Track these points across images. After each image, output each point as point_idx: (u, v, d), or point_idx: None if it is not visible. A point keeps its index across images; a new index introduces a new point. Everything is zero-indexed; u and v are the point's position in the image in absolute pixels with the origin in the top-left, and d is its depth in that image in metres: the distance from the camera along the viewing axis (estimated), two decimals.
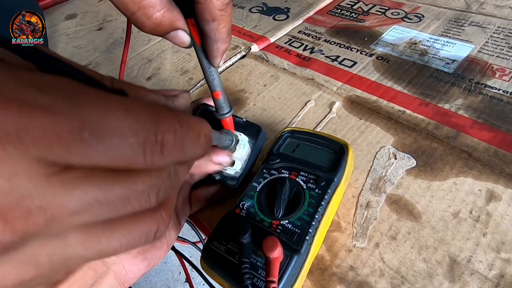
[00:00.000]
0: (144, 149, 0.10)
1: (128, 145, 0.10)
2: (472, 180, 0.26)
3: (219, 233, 0.23)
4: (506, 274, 0.21)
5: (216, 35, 0.19)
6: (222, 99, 0.23)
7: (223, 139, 0.23)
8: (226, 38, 0.19)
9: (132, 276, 0.22)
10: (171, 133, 0.11)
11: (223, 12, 0.18)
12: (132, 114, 0.10)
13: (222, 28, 0.18)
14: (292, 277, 0.20)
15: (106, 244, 0.11)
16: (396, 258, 0.23)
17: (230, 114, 0.24)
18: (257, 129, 0.27)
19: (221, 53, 0.20)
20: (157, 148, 0.11)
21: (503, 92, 0.33)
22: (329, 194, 0.23)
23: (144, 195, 0.11)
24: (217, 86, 0.22)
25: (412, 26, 0.45)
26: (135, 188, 0.11)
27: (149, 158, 0.11)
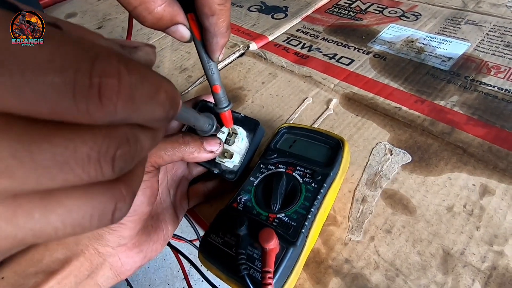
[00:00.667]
0: (74, 91, 0.08)
1: (49, 84, 0.08)
2: (466, 175, 0.27)
3: (216, 226, 0.23)
4: (498, 266, 0.22)
5: (215, 29, 0.19)
6: (221, 93, 0.23)
7: (201, 120, 0.22)
8: (225, 32, 0.20)
9: (128, 268, 0.22)
10: (113, 76, 0.09)
11: (222, 6, 0.18)
12: (56, 45, 0.08)
13: (222, 23, 0.19)
14: (288, 269, 0.21)
15: (42, 221, 0.09)
16: (391, 251, 0.24)
17: (229, 108, 0.24)
18: (255, 123, 0.27)
19: (220, 47, 0.20)
20: (94, 92, 0.08)
21: (498, 89, 0.33)
22: (325, 188, 0.24)
23: (92, 161, 0.09)
24: (216, 80, 0.22)
25: (409, 25, 0.45)
26: (73, 148, 0.09)
27: (82, 105, 0.08)
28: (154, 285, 0.90)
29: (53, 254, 0.19)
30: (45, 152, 0.08)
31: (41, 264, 0.19)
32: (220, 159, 0.26)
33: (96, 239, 0.21)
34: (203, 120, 0.23)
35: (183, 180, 0.28)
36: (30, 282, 0.18)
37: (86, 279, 0.20)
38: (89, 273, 0.21)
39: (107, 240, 0.21)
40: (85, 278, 0.20)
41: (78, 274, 0.20)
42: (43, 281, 0.19)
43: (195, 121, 0.21)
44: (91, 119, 0.09)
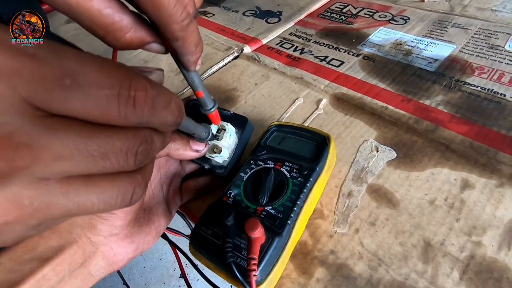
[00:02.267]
0: (119, 100, 0.11)
1: (104, 95, 0.11)
2: (448, 170, 0.28)
3: (206, 218, 0.24)
4: (476, 256, 0.23)
5: (183, 51, 0.19)
6: (204, 97, 0.24)
7: (199, 129, 0.24)
8: (194, 51, 0.20)
9: (120, 258, 0.23)
10: (142, 90, 0.12)
11: (184, 33, 0.18)
12: (107, 69, 0.11)
13: (188, 44, 0.19)
14: (274, 258, 0.22)
15: (85, 197, 0.12)
16: (374, 242, 0.25)
17: (214, 109, 0.25)
18: (244, 120, 0.28)
19: (193, 63, 0.21)
20: (130, 101, 0.12)
21: (481, 89, 0.35)
22: (311, 182, 0.25)
23: (122, 154, 0.12)
24: (198, 86, 0.23)
25: (398, 28, 0.46)
26: (112, 143, 0.12)
27: (123, 110, 0.12)
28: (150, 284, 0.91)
29: (48, 242, 0.20)
30: (94, 144, 0.11)
31: (36, 251, 0.20)
32: (210, 154, 0.27)
33: (89, 228, 0.22)
34: (201, 128, 0.24)
35: (176, 176, 0.29)
36: (25, 268, 0.19)
37: (79, 267, 0.21)
38: (82, 261, 0.21)
39: (99, 230, 0.22)
40: (79, 266, 0.21)
41: (71, 262, 0.21)
42: (37, 267, 0.19)
43: (194, 129, 0.23)
44: (126, 121, 0.12)
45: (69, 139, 0.11)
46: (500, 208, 0.25)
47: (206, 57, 0.48)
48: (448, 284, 0.22)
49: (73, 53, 0.11)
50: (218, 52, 0.48)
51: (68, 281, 0.21)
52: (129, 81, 0.12)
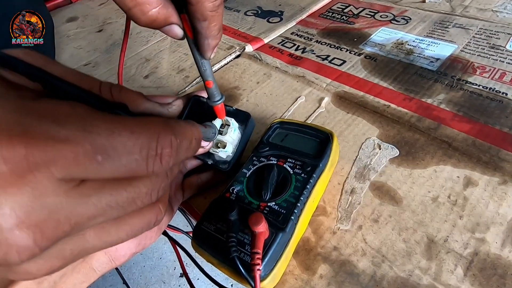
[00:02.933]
0: (147, 162, 0.13)
1: (134, 160, 0.12)
2: (451, 168, 0.28)
3: (209, 214, 0.24)
4: (479, 252, 0.23)
5: (207, 33, 0.20)
6: (213, 88, 0.24)
7: (207, 132, 0.25)
8: (216, 35, 0.20)
9: (123, 253, 0.23)
10: (168, 147, 0.14)
11: (214, 13, 0.19)
12: (136, 135, 0.13)
13: (213, 27, 0.19)
14: (277, 253, 0.21)
15: (116, 236, 0.14)
16: (378, 239, 0.24)
17: (221, 101, 0.25)
18: (246, 116, 0.28)
19: (212, 48, 0.21)
20: (158, 159, 0.13)
21: (482, 88, 0.35)
22: (314, 179, 0.25)
23: (147, 196, 0.14)
24: (208, 75, 0.24)
25: (399, 28, 0.47)
26: (139, 191, 0.14)
27: (150, 168, 0.13)
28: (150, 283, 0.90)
29: None
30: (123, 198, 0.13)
31: None
32: (214, 150, 0.27)
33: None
34: (209, 131, 0.25)
35: (178, 173, 0.29)
36: None
37: (81, 262, 0.21)
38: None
39: None
40: (81, 261, 0.21)
41: None
42: None
43: (204, 133, 0.24)
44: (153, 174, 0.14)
45: (102, 200, 0.12)
46: (503, 205, 0.25)
47: None
48: (452, 280, 0.22)
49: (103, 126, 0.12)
50: (219, 50, 0.48)
51: (71, 276, 0.21)
52: (155, 141, 0.13)
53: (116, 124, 0.12)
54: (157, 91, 0.44)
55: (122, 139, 0.12)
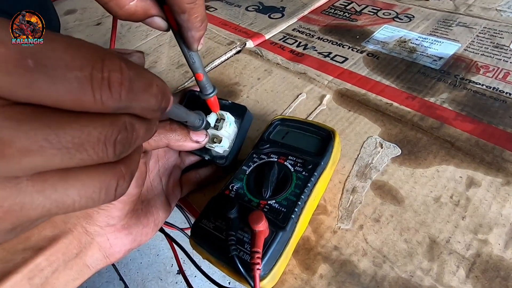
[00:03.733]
0: (92, 83, 0.10)
1: (74, 78, 0.10)
2: (453, 168, 0.28)
3: (208, 212, 0.24)
4: (482, 254, 0.22)
5: (188, 25, 0.19)
6: (204, 80, 0.23)
7: (192, 116, 0.23)
8: (199, 27, 0.19)
9: (117, 250, 0.23)
10: (117, 70, 0.11)
11: (192, 4, 0.18)
12: (76, 48, 0.10)
13: (194, 19, 0.18)
14: (277, 252, 0.21)
15: (64, 194, 0.11)
16: (379, 239, 0.24)
17: (214, 94, 0.24)
18: (242, 109, 0.27)
19: (197, 39, 0.20)
20: (105, 84, 0.10)
21: (486, 87, 0.34)
22: (315, 177, 0.24)
23: (100, 144, 0.11)
24: (198, 68, 0.23)
25: (402, 26, 0.46)
26: (88, 132, 0.11)
27: (98, 94, 0.10)
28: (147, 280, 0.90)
29: (42, 232, 0.20)
30: (67, 135, 0.10)
31: (29, 241, 0.19)
32: (210, 145, 0.26)
33: (85, 218, 0.21)
34: (194, 116, 0.23)
35: (176, 168, 0.29)
36: (18, 258, 0.19)
37: (74, 258, 0.21)
38: (78, 252, 0.21)
39: (96, 220, 0.21)
40: (74, 257, 0.21)
41: (66, 252, 0.20)
42: (31, 257, 0.19)
43: (186, 117, 0.22)
44: (102, 106, 0.11)
45: (37, 130, 0.09)
46: (506, 206, 0.25)
47: (208, 51, 0.47)
48: (454, 282, 0.21)
49: None
50: (220, 46, 0.48)
51: (63, 272, 0.20)
52: (101, 61, 0.10)
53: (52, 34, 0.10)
54: None
55: (59, 48, 0.10)
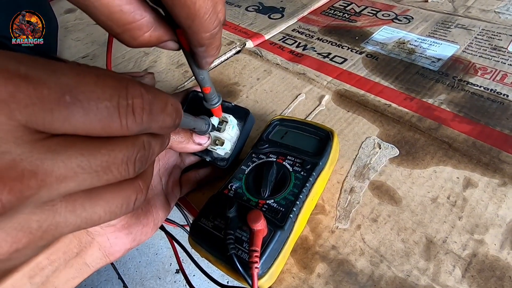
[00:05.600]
0: (119, 111, 0.11)
1: (104, 107, 0.11)
2: (451, 169, 0.28)
3: (207, 211, 0.24)
4: (478, 254, 0.23)
5: (204, 55, 0.19)
6: (211, 92, 0.24)
7: (199, 123, 0.23)
8: (214, 54, 0.19)
9: (117, 249, 0.23)
10: (139, 97, 0.12)
11: (212, 40, 0.17)
12: (103, 80, 0.11)
13: (211, 49, 0.18)
14: (275, 251, 0.21)
15: (92, 211, 0.12)
16: (376, 238, 0.24)
17: (219, 104, 0.25)
18: (245, 112, 0.28)
19: (210, 63, 0.20)
20: (130, 110, 0.12)
21: (484, 89, 0.34)
22: (313, 177, 0.25)
23: (123, 164, 0.12)
24: (206, 82, 0.23)
25: (401, 27, 0.46)
26: (114, 156, 0.12)
27: (124, 120, 0.11)
28: (145, 279, 0.90)
29: None
30: (97, 160, 0.11)
31: None
32: (212, 147, 0.27)
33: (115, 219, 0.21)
34: (200, 122, 0.24)
35: (176, 168, 0.29)
36: None
37: (75, 257, 0.21)
38: (78, 251, 0.21)
39: None
40: (74, 256, 0.21)
41: (67, 251, 0.20)
42: None
43: (194, 124, 0.23)
44: (128, 131, 0.12)
45: (72, 158, 0.11)
46: (502, 207, 0.25)
47: None
48: (450, 281, 0.22)
49: (67, 68, 0.11)
50: None
51: (63, 271, 0.20)
52: (125, 90, 0.11)
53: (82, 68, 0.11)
54: (156, 85, 0.44)
55: (90, 80, 0.11)
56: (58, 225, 0.11)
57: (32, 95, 0.09)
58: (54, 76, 0.10)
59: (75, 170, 0.11)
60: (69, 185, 0.11)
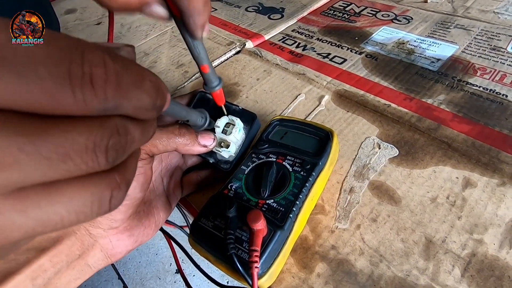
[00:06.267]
0: (70, 80, 0.09)
1: (48, 74, 0.08)
2: (450, 169, 0.28)
3: (207, 211, 0.24)
4: (477, 253, 0.23)
5: (189, 10, 0.18)
6: (210, 72, 0.23)
7: (193, 115, 0.22)
8: (202, 11, 0.18)
9: (119, 250, 0.23)
10: (100, 65, 0.09)
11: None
12: (50, 40, 0.09)
13: (196, 3, 0.17)
14: (275, 251, 0.21)
15: (50, 211, 0.09)
16: (376, 238, 0.24)
17: (220, 87, 0.24)
18: (252, 116, 0.28)
19: (200, 26, 0.19)
20: (86, 80, 0.09)
21: (483, 89, 0.35)
22: (313, 177, 0.25)
23: (89, 152, 0.10)
24: (203, 59, 0.22)
25: (401, 27, 0.46)
26: (72, 139, 0.09)
27: (78, 92, 0.09)
28: (145, 279, 0.90)
29: None
30: (48, 144, 0.09)
31: (33, 241, 0.20)
32: (217, 148, 0.26)
33: (88, 221, 0.21)
34: (195, 114, 0.22)
35: (177, 169, 0.29)
36: (22, 258, 0.19)
37: (77, 259, 0.21)
38: (80, 253, 0.21)
39: (99, 223, 0.21)
40: (76, 258, 0.21)
41: (69, 253, 0.20)
42: (34, 257, 0.19)
43: (187, 115, 0.21)
44: (86, 108, 0.09)
45: (10, 141, 0.08)
46: (501, 207, 0.25)
47: (207, 51, 0.47)
48: (449, 281, 0.22)
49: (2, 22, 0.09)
50: (219, 46, 0.48)
51: (65, 272, 0.20)
52: (81, 55, 0.09)
53: None
54: None
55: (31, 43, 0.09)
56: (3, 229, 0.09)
57: None
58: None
59: (16, 155, 0.08)
60: (10, 175, 0.08)
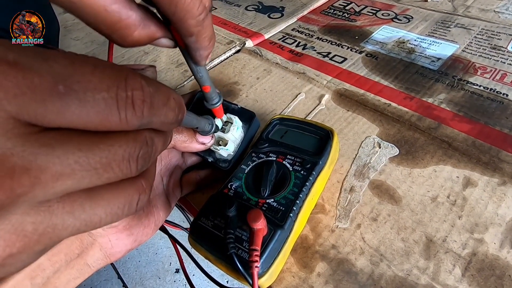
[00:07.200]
0: (118, 103, 0.11)
1: (102, 99, 0.10)
2: (450, 168, 0.28)
3: (207, 210, 0.24)
4: (478, 253, 0.23)
5: (196, 46, 0.18)
6: (211, 91, 0.23)
7: (202, 122, 0.23)
8: (207, 46, 0.19)
9: (118, 250, 0.23)
10: (139, 89, 0.11)
11: (200, 27, 0.17)
12: (101, 70, 0.10)
13: (202, 40, 0.18)
14: (275, 251, 0.21)
15: (92, 213, 0.11)
16: (376, 238, 0.24)
17: (220, 103, 0.25)
18: (251, 115, 0.28)
19: (205, 57, 0.20)
20: (129, 102, 0.11)
21: (483, 89, 0.35)
22: (313, 176, 0.25)
23: (125, 161, 0.11)
24: (205, 81, 0.23)
25: (401, 27, 0.46)
26: (114, 152, 0.11)
27: (123, 113, 0.11)
28: (145, 278, 0.90)
29: None
30: (96, 156, 0.10)
31: None
32: (215, 147, 0.26)
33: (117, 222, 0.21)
34: (204, 121, 0.24)
35: (177, 169, 0.29)
36: None
37: (76, 258, 0.21)
38: (79, 252, 0.21)
39: None
40: (76, 257, 0.21)
41: (68, 253, 0.20)
42: None
43: (197, 123, 0.22)
44: (127, 125, 0.11)
45: (69, 154, 0.10)
46: (502, 206, 0.25)
47: None
48: (450, 280, 0.22)
49: (61, 56, 0.10)
50: (219, 45, 0.48)
51: (65, 272, 0.20)
52: (124, 81, 0.11)
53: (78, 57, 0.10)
54: None
55: (86, 70, 0.10)
56: (56, 228, 0.10)
57: (21, 84, 0.09)
58: (45, 64, 0.09)
59: (72, 166, 0.10)
60: (66, 183, 0.10)
